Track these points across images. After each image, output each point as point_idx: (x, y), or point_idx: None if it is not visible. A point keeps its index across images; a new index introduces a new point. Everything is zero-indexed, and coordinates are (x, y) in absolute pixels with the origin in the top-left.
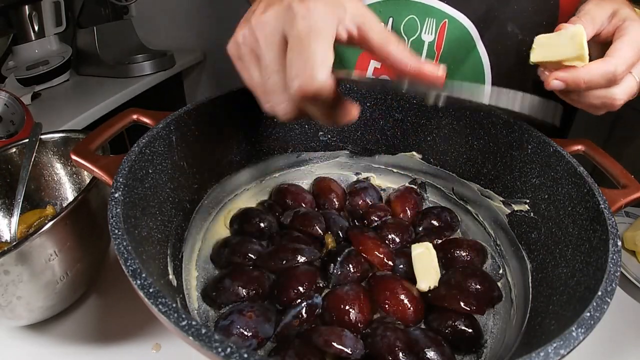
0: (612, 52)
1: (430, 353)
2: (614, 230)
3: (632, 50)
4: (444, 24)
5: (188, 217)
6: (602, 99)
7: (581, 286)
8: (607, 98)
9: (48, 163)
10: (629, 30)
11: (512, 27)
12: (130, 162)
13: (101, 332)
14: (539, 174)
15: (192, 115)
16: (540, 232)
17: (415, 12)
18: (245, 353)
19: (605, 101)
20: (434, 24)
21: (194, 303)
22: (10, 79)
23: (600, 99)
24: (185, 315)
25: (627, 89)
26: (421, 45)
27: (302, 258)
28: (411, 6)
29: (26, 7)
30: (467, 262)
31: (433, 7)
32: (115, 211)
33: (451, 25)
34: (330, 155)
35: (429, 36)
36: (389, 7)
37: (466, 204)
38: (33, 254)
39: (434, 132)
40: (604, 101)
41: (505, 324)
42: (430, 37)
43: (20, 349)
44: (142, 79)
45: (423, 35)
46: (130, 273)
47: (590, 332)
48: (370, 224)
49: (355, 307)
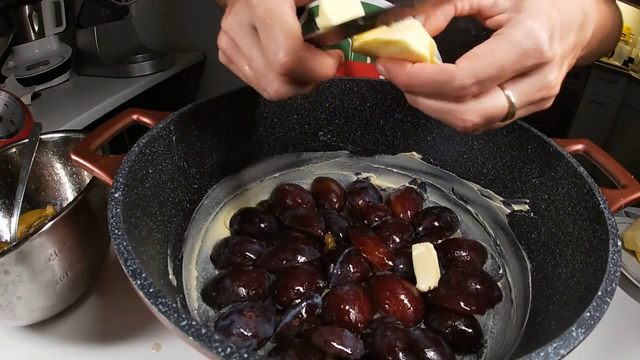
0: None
1: (430, 353)
2: (614, 230)
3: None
4: None
5: (188, 217)
6: (442, 114)
7: (581, 286)
8: (448, 113)
9: (48, 163)
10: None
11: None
12: (130, 162)
13: (101, 332)
14: (539, 174)
15: (192, 115)
16: (540, 232)
17: None
18: (245, 353)
19: (446, 117)
20: None
21: (194, 303)
22: (10, 79)
23: (439, 112)
24: (185, 315)
25: (485, 108)
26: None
27: (302, 258)
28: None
29: (26, 7)
30: (467, 262)
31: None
32: (115, 211)
33: None
34: (330, 155)
35: None
36: None
37: (466, 204)
38: (33, 254)
39: (434, 132)
40: (442, 116)
41: (505, 324)
42: None
43: (20, 349)
44: (142, 79)
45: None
46: (130, 273)
47: (590, 332)
48: (370, 224)
49: (355, 307)
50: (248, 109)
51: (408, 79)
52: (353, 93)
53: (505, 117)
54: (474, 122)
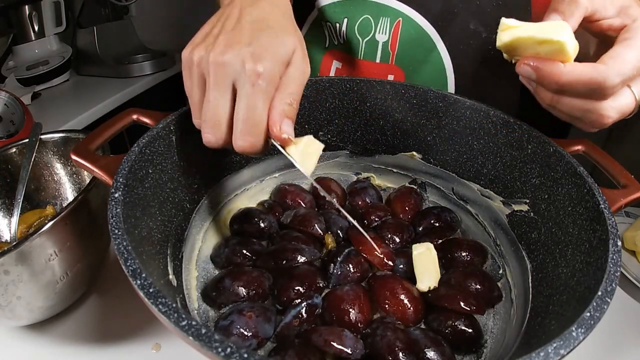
0: (609, 57)
1: (430, 353)
2: (614, 230)
3: (634, 59)
4: (398, 23)
5: (188, 217)
6: (585, 112)
7: (581, 286)
8: (591, 112)
9: (48, 163)
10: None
11: (476, 24)
12: (130, 162)
13: (101, 332)
14: (539, 174)
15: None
16: (540, 232)
17: (370, 11)
18: (245, 353)
19: (588, 115)
20: (387, 22)
21: (194, 303)
22: (10, 79)
23: (582, 111)
24: (185, 315)
25: (620, 105)
26: (375, 46)
27: (302, 258)
28: (366, 6)
29: (26, 7)
30: (467, 262)
31: (387, 5)
32: (115, 211)
33: (406, 24)
34: (330, 155)
35: (383, 36)
36: (345, 7)
37: (466, 204)
38: (33, 254)
39: (434, 132)
40: (587, 115)
41: (505, 324)
42: (384, 37)
43: (20, 349)
44: (142, 79)
45: (377, 35)
46: (130, 273)
47: (590, 332)
48: (370, 224)
49: (355, 307)
50: None
51: (563, 78)
52: (353, 93)
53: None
54: (614, 118)
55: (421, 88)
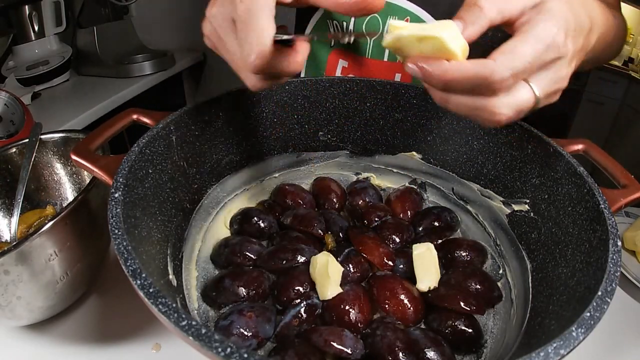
0: (499, 53)
1: (430, 353)
2: (614, 230)
3: (531, 52)
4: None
5: (188, 217)
6: (475, 109)
7: (581, 286)
8: (481, 109)
9: (48, 163)
10: (536, 21)
11: None
12: (130, 162)
13: (101, 332)
14: (539, 174)
15: (192, 115)
16: (540, 232)
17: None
18: (245, 353)
19: (480, 113)
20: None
21: (194, 303)
22: (10, 79)
23: (472, 109)
24: (185, 315)
25: (516, 101)
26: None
27: (302, 258)
28: None
29: (26, 7)
30: (467, 262)
31: (396, 4)
32: (115, 211)
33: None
34: (330, 155)
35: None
36: None
37: (466, 204)
38: (33, 254)
39: (434, 132)
40: (478, 113)
41: (505, 324)
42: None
43: (20, 349)
44: (142, 79)
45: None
46: (130, 273)
47: (590, 332)
48: (370, 224)
49: (355, 307)
50: (248, 109)
51: (447, 75)
52: (353, 93)
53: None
54: (508, 115)
55: (421, 88)
